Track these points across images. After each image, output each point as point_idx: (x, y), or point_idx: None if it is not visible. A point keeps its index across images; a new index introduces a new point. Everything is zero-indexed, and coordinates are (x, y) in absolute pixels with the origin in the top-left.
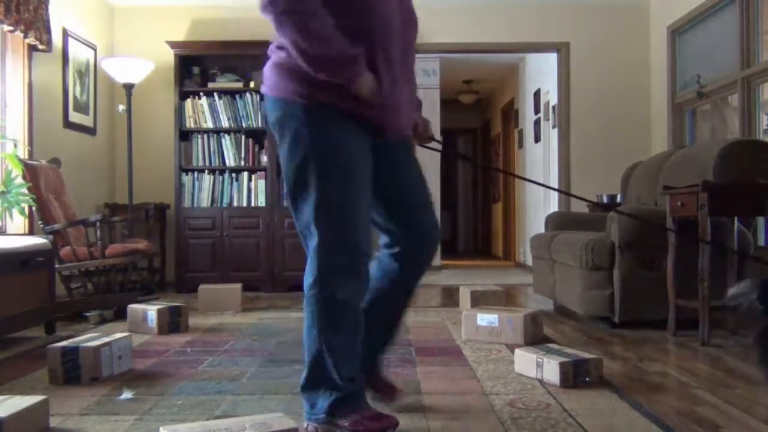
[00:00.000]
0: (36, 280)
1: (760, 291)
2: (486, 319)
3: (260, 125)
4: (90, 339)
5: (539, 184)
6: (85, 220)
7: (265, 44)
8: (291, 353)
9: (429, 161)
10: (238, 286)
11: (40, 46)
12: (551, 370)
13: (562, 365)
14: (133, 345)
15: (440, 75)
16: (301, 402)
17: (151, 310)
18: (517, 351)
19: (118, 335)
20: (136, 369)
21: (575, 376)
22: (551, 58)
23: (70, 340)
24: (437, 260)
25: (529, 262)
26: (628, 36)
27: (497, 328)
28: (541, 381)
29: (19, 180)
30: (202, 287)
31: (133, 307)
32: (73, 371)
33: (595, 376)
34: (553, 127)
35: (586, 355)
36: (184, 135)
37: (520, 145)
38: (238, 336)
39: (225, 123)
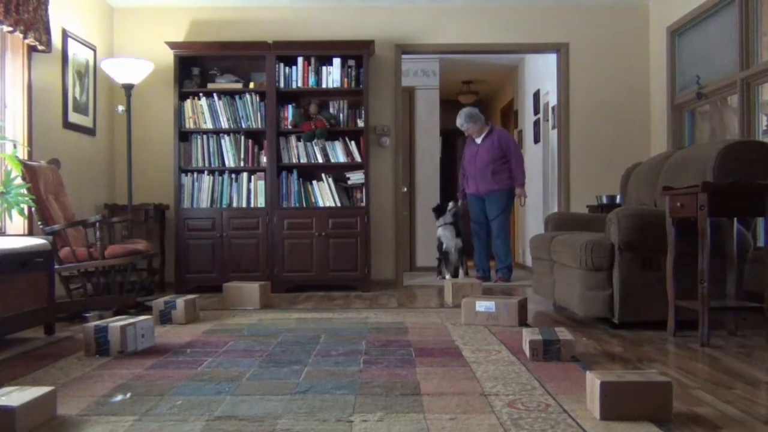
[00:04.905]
0: (35, 280)
1: None
2: (484, 305)
3: (259, 126)
4: (117, 320)
5: None
6: (85, 221)
7: (264, 45)
8: (291, 353)
9: (428, 161)
10: (257, 284)
11: (40, 47)
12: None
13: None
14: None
15: (440, 75)
16: (301, 403)
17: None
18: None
19: (140, 318)
20: (135, 369)
21: (545, 352)
22: (551, 59)
23: (101, 321)
24: (436, 261)
25: (529, 262)
26: (627, 37)
27: (494, 314)
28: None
29: (19, 181)
30: (226, 285)
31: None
32: (103, 345)
33: (566, 356)
34: (553, 127)
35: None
36: (184, 136)
37: (520, 146)
38: (237, 337)
39: (224, 124)
